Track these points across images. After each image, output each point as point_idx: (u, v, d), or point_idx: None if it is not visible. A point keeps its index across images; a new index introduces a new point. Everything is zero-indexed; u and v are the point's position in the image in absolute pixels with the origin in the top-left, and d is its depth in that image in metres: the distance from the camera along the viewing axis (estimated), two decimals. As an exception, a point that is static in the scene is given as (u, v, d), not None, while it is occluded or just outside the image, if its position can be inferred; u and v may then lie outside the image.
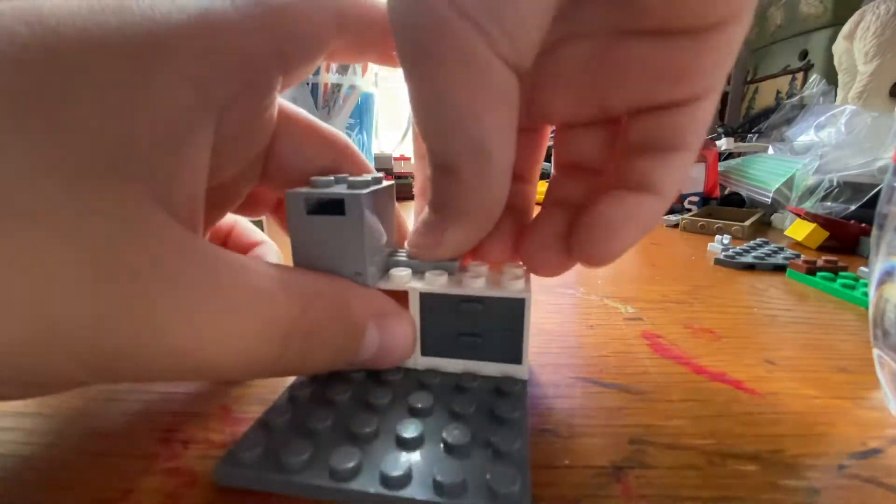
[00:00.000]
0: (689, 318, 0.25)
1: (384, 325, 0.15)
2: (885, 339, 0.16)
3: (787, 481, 0.13)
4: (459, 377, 0.16)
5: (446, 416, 0.14)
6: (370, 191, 0.15)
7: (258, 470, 0.12)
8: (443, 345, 0.16)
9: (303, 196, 0.14)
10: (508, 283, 0.16)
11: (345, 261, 0.15)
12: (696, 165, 0.62)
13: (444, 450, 0.13)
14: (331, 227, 0.15)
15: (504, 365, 0.16)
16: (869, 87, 0.58)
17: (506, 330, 0.16)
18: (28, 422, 0.15)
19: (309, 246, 0.15)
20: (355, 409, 0.14)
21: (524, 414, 0.14)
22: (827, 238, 0.42)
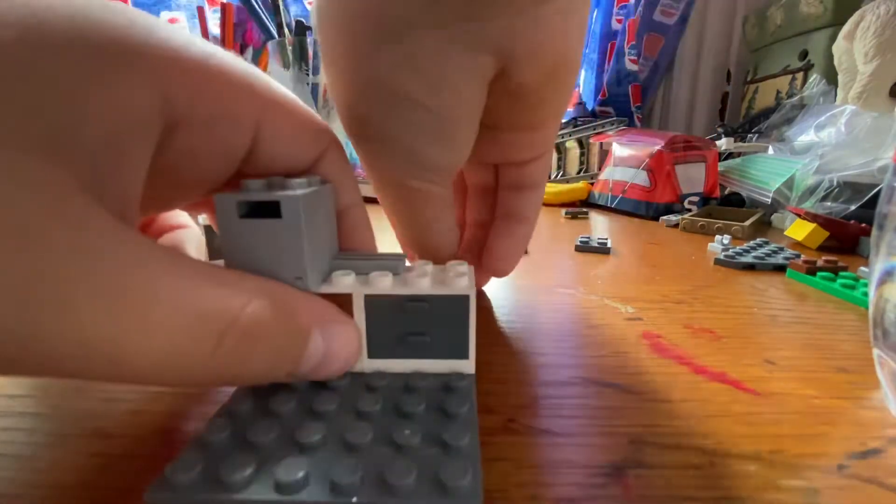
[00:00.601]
0: (689, 318, 0.25)
1: (329, 333, 0.14)
2: (885, 339, 0.16)
3: (787, 481, 0.13)
4: (408, 377, 0.16)
5: (395, 417, 0.14)
6: (308, 192, 0.14)
7: (196, 492, 0.11)
8: (389, 346, 0.16)
9: (234, 200, 0.14)
10: (453, 281, 0.15)
11: (283, 266, 0.14)
12: (696, 165, 0.62)
13: (395, 451, 0.12)
14: (267, 232, 0.14)
15: (451, 361, 0.16)
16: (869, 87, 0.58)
17: (452, 327, 0.16)
18: (28, 422, 0.15)
19: (243, 251, 0.14)
20: (301, 418, 0.14)
21: (472, 408, 0.14)
22: (827, 238, 0.42)
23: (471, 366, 0.16)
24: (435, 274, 0.16)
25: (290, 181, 0.15)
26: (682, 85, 1.03)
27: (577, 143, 0.82)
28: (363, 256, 0.17)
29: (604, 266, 0.36)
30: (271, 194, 0.14)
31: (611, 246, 0.41)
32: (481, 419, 0.15)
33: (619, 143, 0.68)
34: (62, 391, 0.17)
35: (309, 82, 0.71)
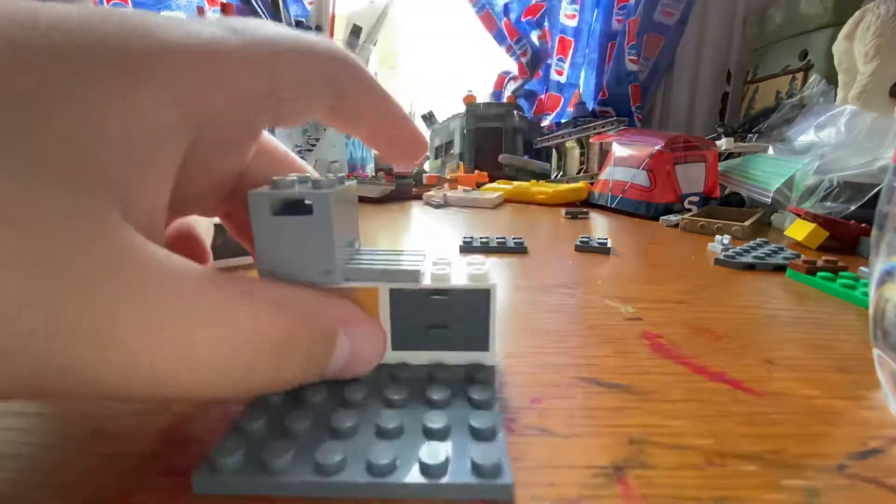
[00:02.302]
0: (689, 318, 0.25)
1: (354, 333, 0.15)
2: (885, 339, 0.16)
3: (787, 481, 0.13)
4: (430, 368, 0.17)
5: (423, 405, 0.15)
6: (337, 190, 0.15)
7: (240, 475, 0.12)
8: (412, 338, 0.17)
9: (267, 197, 0.14)
10: (475, 275, 0.16)
11: (313, 260, 0.15)
12: (696, 165, 0.62)
13: (425, 435, 0.13)
14: (298, 228, 0.15)
15: (472, 353, 0.17)
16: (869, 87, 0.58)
17: (473, 320, 0.16)
18: (28, 422, 0.15)
19: (275, 248, 0.15)
20: (332, 407, 0.15)
21: (494, 396, 0.15)
22: (827, 238, 0.42)
23: (492, 357, 0.17)
24: (457, 268, 0.17)
25: (318, 180, 0.15)
26: (682, 85, 1.03)
27: (577, 143, 0.82)
28: (386, 251, 0.18)
29: (604, 266, 0.36)
30: (303, 192, 0.14)
31: (611, 246, 0.41)
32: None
33: (619, 143, 0.68)
34: (62, 391, 0.17)
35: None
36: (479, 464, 0.12)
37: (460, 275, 0.17)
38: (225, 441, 0.13)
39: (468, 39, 1.20)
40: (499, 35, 1.12)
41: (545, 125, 1.07)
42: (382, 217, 0.60)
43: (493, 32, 1.13)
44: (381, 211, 0.64)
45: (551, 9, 1.06)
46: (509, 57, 1.15)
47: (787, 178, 0.53)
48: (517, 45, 1.12)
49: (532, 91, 1.15)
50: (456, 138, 1.01)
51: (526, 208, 0.69)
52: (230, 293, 0.12)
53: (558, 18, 1.05)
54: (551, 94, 1.10)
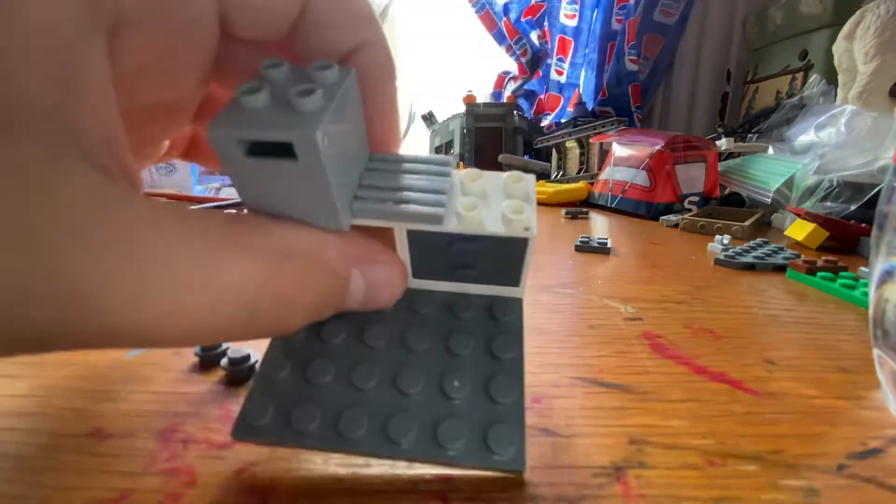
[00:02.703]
0: (689, 318, 0.25)
1: (370, 272, 0.13)
2: (885, 339, 0.16)
3: (787, 481, 0.13)
4: (453, 301, 0.15)
5: (444, 358, 0.14)
6: (329, 119, 0.11)
7: (272, 435, 0.13)
8: (434, 272, 0.15)
9: (231, 137, 0.11)
10: (512, 220, 0.13)
11: (310, 210, 0.12)
12: (696, 165, 0.62)
13: (445, 399, 0.13)
14: (283, 174, 0.11)
15: (500, 287, 0.15)
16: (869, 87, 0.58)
17: (505, 263, 0.14)
18: (28, 422, 0.15)
19: (259, 195, 0.12)
20: (353, 353, 0.14)
21: (520, 355, 0.14)
22: (827, 238, 0.42)
23: (521, 291, 0.16)
24: (491, 203, 0.14)
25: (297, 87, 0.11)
26: (682, 85, 1.03)
27: (577, 143, 0.82)
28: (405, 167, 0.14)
29: (604, 266, 0.36)
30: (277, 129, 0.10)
31: (611, 246, 0.41)
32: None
33: (619, 143, 0.68)
34: (62, 391, 0.17)
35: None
36: (493, 449, 0.12)
37: (494, 215, 0.13)
38: (254, 398, 0.13)
39: (468, 39, 1.20)
40: (499, 35, 1.12)
41: (545, 125, 1.07)
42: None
43: (493, 32, 1.13)
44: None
45: (551, 9, 1.06)
46: (509, 57, 1.15)
47: (787, 178, 0.53)
48: (517, 45, 1.12)
49: (532, 91, 1.15)
50: (456, 138, 1.01)
51: (526, 208, 0.69)
52: (219, 245, 0.10)
53: (558, 18, 1.05)
54: (551, 94, 1.10)
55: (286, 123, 0.10)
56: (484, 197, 0.14)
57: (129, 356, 0.20)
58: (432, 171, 0.14)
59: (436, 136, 1.09)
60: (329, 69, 0.12)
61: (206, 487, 0.12)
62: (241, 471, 0.13)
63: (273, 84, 0.11)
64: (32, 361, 0.19)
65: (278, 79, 0.12)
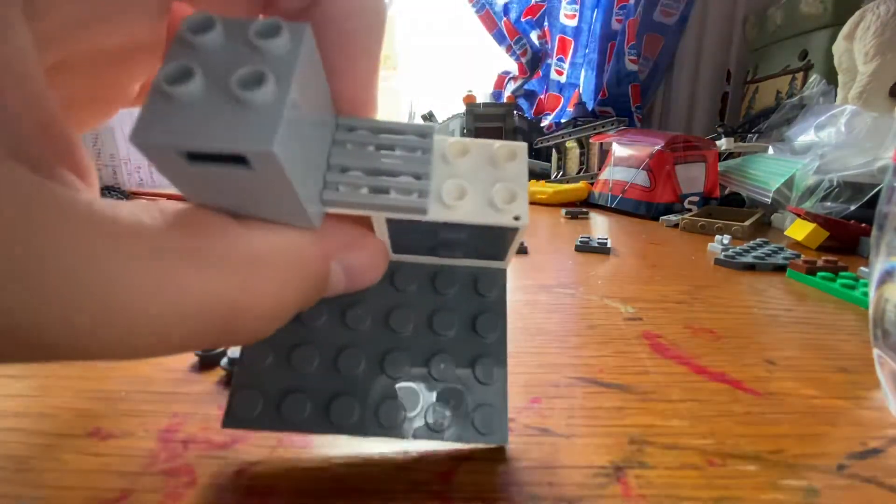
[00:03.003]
0: (689, 318, 0.25)
1: (348, 259, 0.12)
2: (885, 339, 0.16)
3: (787, 481, 0.13)
4: (436, 276, 0.15)
5: (430, 340, 0.15)
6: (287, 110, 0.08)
7: (262, 424, 0.13)
8: (417, 251, 0.15)
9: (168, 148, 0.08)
10: (502, 208, 0.12)
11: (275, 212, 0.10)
12: (696, 165, 0.62)
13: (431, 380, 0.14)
14: (237, 178, 0.09)
15: (484, 261, 0.15)
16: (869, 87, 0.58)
17: (491, 243, 0.14)
18: (28, 422, 0.15)
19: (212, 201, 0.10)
20: (336, 336, 0.14)
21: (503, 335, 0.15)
22: (827, 238, 0.42)
23: (504, 264, 0.16)
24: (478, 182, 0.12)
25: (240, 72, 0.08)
26: (682, 85, 1.03)
27: (577, 143, 0.82)
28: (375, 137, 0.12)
29: (604, 266, 0.36)
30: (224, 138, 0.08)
31: (611, 246, 0.41)
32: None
33: (619, 143, 0.68)
34: (62, 391, 0.17)
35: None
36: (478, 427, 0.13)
37: (482, 203, 0.12)
38: (239, 389, 0.13)
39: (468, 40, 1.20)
40: (499, 35, 1.12)
41: (545, 125, 1.07)
42: (382, 217, 0.59)
43: (493, 32, 1.13)
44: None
45: (551, 9, 1.06)
46: (509, 57, 1.15)
47: (787, 178, 0.53)
48: (517, 45, 1.12)
49: (532, 91, 1.16)
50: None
51: (526, 208, 0.69)
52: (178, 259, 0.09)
53: (558, 18, 1.05)
54: (551, 94, 1.10)
55: (234, 127, 0.08)
56: (472, 178, 0.12)
57: (129, 356, 0.20)
58: (411, 146, 0.12)
59: (436, 136, 1.09)
60: (278, 35, 0.09)
61: (206, 487, 0.12)
62: (240, 471, 0.13)
63: (205, 61, 0.09)
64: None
65: (211, 49, 0.09)
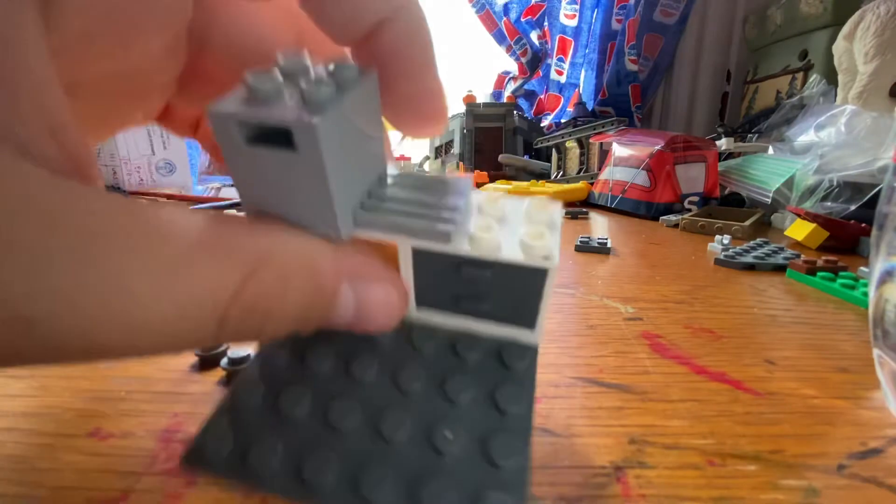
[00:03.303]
0: (689, 318, 0.25)
1: (363, 290, 0.12)
2: (885, 339, 0.16)
3: (787, 481, 0.13)
4: (457, 340, 0.13)
5: (440, 403, 0.12)
6: (333, 111, 0.10)
7: (225, 470, 0.11)
8: (440, 302, 0.13)
9: (234, 119, 0.10)
10: (531, 246, 0.12)
11: (307, 211, 0.11)
12: (696, 165, 0.62)
13: (433, 452, 0.11)
14: (281, 166, 0.10)
15: (513, 328, 0.13)
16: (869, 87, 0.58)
17: (519, 297, 0.13)
18: (28, 422, 0.15)
19: (256, 187, 0.11)
20: (336, 384, 0.12)
21: (529, 409, 0.12)
22: (827, 238, 0.42)
23: (535, 337, 0.13)
24: (509, 226, 0.13)
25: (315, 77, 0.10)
26: (682, 85, 1.03)
27: (577, 143, 0.82)
28: (418, 181, 0.13)
29: (604, 266, 0.36)
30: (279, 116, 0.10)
31: (611, 246, 0.41)
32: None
33: (619, 143, 0.68)
34: (62, 391, 0.17)
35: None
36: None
37: (510, 240, 0.12)
38: (215, 420, 0.12)
39: (468, 39, 1.20)
40: (499, 35, 1.13)
41: (545, 125, 1.07)
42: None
43: (493, 32, 1.13)
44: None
45: (551, 9, 1.06)
46: (509, 57, 1.15)
47: (787, 178, 0.53)
48: (517, 45, 1.12)
49: (532, 91, 1.16)
50: (456, 138, 1.01)
51: (526, 208, 0.69)
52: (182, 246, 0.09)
53: (558, 18, 1.05)
54: (551, 94, 1.10)
55: (288, 110, 0.10)
56: (502, 220, 0.13)
57: (129, 356, 0.20)
58: (450, 190, 0.13)
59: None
60: (348, 69, 0.11)
61: (206, 487, 0.12)
62: (241, 471, 0.13)
63: (287, 74, 0.11)
64: (32, 361, 0.19)
65: (293, 69, 0.11)
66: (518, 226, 0.13)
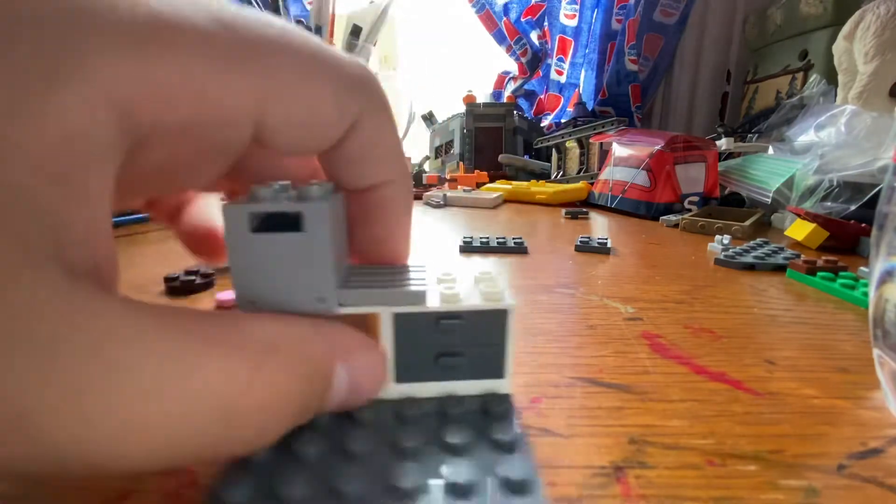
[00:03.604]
0: (689, 318, 0.25)
1: (353, 365, 0.12)
2: (885, 339, 0.16)
3: (787, 481, 0.13)
4: (440, 402, 0.14)
5: (440, 451, 0.12)
6: (333, 201, 0.13)
7: None
8: (418, 368, 0.14)
9: (245, 211, 0.12)
10: (490, 293, 0.14)
11: (304, 285, 0.13)
12: (696, 165, 0.62)
13: (449, 492, 0.11)
14: (285, 247, 0.12)
15: (486, 381, 0.15)
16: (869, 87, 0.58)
17: (489, 344, 0.15)
18: (28, 422, 0.15)
19: (256, 271, 0.12)
20: (333, 463, 0.12)
21: (521, 434, 0.13)
22: (827, 238, 0.42)
23: (507, 385, 0.15)
24: (465, 284, 0.15)
25: (305, 189, 0.13)
26: (682, 85, 1.03)
27: (577, 143, 0.82)
28: (383, 268, 0.16)
29: (604, 266, 0.36)
30: (292, 204, 0.12)
31: (611, 246, 0.41)
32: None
33: (619, 143, 0.68)
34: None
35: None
36: None
37: (471, 293, 0.14)
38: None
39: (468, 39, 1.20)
40: (499, 35, 1.12)
41: (545, 125, 1.07)
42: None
43: (493, 32, 1.13)
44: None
45: (551, 9, 1.06)
46: (509, 57, 1.15)
47: (787, 178, 0.53)
48: (517, 45, 1.12)
49: (532, 91, 1.16)
50: (456, 138, 1.01)
51: (526, 208, 0.69)
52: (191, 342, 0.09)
53: (558, 18, 1.05)
54: (551, 94, 1.10)
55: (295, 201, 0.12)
56: (459, 282, 0.15)
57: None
58: (410, 269, 0.15)
59: (436, 136, 1.09)
60: (327, 184, 0.14)
61: (206, 488, 0.12)
62: (241, 471, 0.13)
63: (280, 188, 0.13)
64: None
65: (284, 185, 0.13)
66: (473, 284, 0.15)
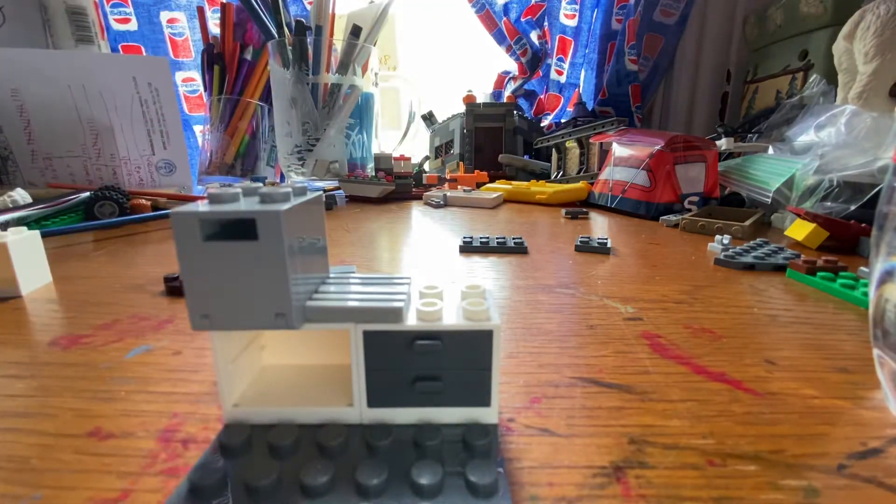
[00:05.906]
0: (689, 318, 0.25)
1: None
2: (885, 339, 0.16)
3: (787, 481, 0.13)
4: (417, 431, 0.13)
5: (407, 491, 0.11)
6: (293, 205, 0.12)
7: None
8: (394, 392, 0.13)
9: (196, 217, 0.11)
10: (473, 312, 0.13)
11: (261, 300, 0.11)
12: (696, 165, 0.62)
13: None
14: (239, 258, 0.11)
15: (469, 409, 0.13)
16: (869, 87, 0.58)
17: (471, 368, 0.13)
18: (28, 422, 0.15)
19: (209, 283, 0.11)
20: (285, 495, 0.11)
21: (501, 478, 0.12)
22: (827, 238, 0.42)
23: (493, 414, 0.14)
24: (449, 300, 0.14)
25: (269, 191, 0.12)
26: (682, 85, 1.03)
27: (577, 143, 0.82)
28: (362, 277, 0.14)
29: (604, 266, 0.36)
30: (245, 209, 0.11)
31: (611, 246, 0.41)
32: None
33: (619, 143, 0.68)
34: (62, 391, 0.17)
35: (308, 82, 0.71)
36: None
37: (453, 310, 0.13)
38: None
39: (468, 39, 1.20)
40: (499, 35, 1.12)
41: (545, 125, 1.07)
42: (382, 217, 0.59)
43: (493, 32, 1.12)
44: (381, 211, 0.64)
45: (551, 9, 1.06)
46: (509, 57, 1.15)
47: (787, 178, 0.53)
48: (517, 45, 1.12)
49: (532, 91, 1.15)
50: (456, 138, 1.01)
51: (526, 208, 0.69)
52: None
53: (558, 18, 1.05)
54: (551, 94, 1.10)
55: (252, 204, 0.11)
56: (442, 299, 0.14)
57: (128, 356, 0.20)
58: (392, 282, 0.14)
59: (436, 136, 1.09)
60: (299, 185, 0.13)
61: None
62: (241, 471, 0.13)
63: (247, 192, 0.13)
64: (32, 361, 0.19)
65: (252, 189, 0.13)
66: (456, 301, 0.14)
